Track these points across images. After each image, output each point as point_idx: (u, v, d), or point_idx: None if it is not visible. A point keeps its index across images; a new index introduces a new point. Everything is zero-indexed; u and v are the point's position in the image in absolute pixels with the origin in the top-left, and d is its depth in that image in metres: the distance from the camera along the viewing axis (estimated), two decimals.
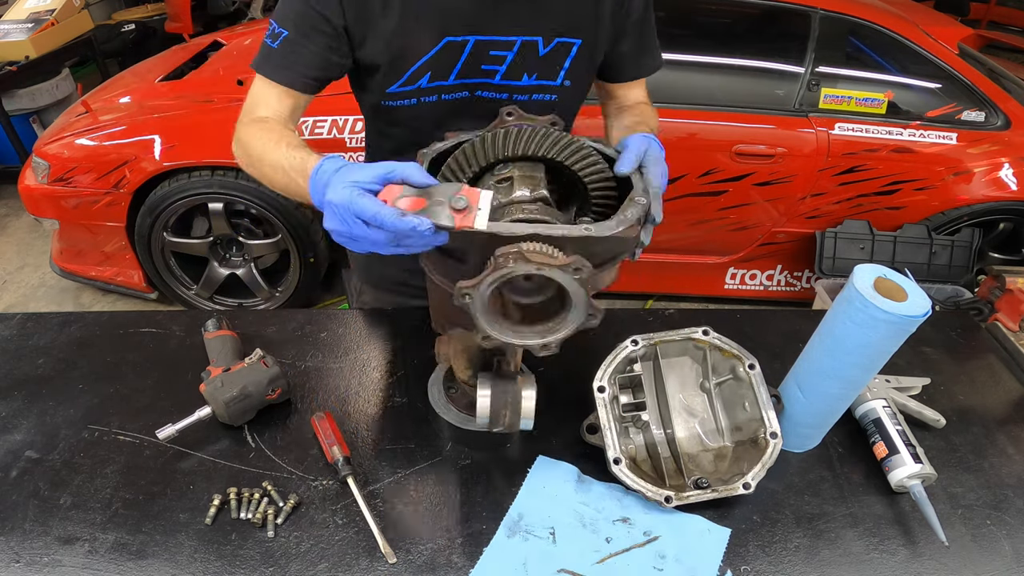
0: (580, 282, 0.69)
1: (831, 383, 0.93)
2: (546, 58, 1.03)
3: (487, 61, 1.01)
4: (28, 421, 1.01)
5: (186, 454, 0.97)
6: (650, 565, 0.84)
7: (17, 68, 3.47)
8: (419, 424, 1.03)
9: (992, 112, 2.67)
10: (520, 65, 1.02)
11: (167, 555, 0.84)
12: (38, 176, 2.57)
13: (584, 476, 0.95)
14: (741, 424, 0.98)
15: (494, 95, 1.05)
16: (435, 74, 1.01)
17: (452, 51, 0.99)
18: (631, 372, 1.00)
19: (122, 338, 1.18)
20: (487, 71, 1.02)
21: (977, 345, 1.27)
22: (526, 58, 1.02)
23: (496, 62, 1.02)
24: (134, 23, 4.85)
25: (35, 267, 3.29)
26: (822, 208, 2.76)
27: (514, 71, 1.03)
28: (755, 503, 0.93)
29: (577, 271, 0.68)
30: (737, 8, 2.85)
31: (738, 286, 3.05)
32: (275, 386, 1.00)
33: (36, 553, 0.83)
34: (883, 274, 0.86)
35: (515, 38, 1.00)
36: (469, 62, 1.01)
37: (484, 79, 1.03)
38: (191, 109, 2.57)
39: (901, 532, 0.91)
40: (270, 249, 2.75)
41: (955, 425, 1.07)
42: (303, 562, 0.83)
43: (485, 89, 1.04)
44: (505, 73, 1.03)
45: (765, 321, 1.31)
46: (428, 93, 1.03)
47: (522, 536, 0.87)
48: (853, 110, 2.64)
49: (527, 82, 1.04)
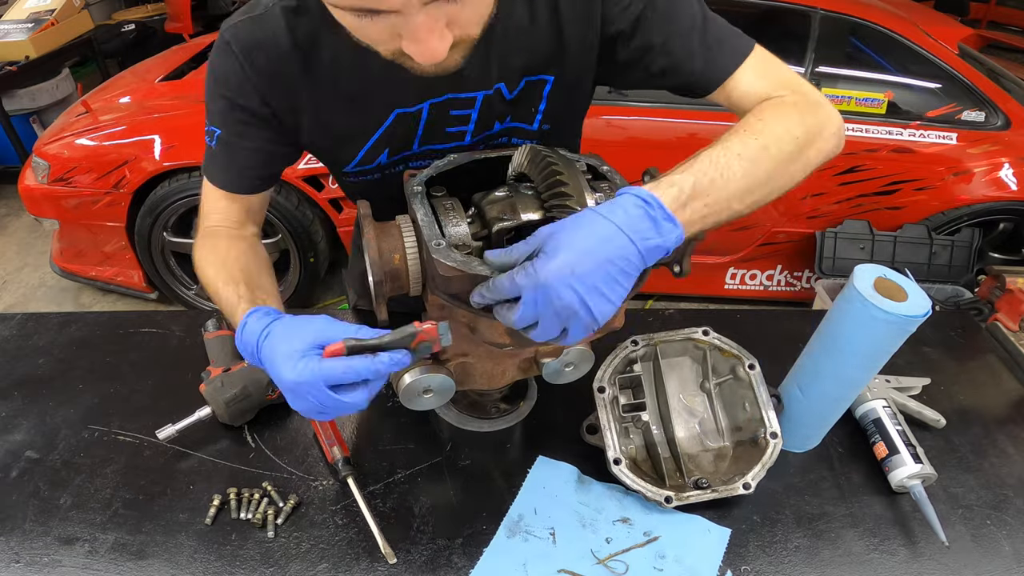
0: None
1: (831, 383, 0.93)
2: (517, 100, 0.89)
3: (451, 123, 0.89)
4: (28, 421, 1.01)
5: (186, 454, 0.97)
6: (650, 565, 0.84)
7: (17, 68, 3.47)
8: (419, 424, 1.03)
9: (992, 112, 2.67)
10: (491, 115, 0.89)
11: (167, 555, 0.84)
12: (38, 176, 2.57)
13: (584, 476, 0.95)
14: (741, 424, 0.98)
15: (467, 149, 0.92)
16: (394, 149, 0.90)
17: (406, 122, 0.87)
18: (631, 372, 1.00)
19: (122, 338, 1.18)
20: (453, 133, 0.90)
21: (977, 345, 1.27)
22: (493, 107, 0.88)
23: (461, 122, 0.89)
24: (134, 23, 4.85)
25: (35, 267, 3.29)
26: (822, 208, 2.76)
27: (484, 123, 0.89)
28: (755, 503, 0.93)
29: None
30: (737, 8, 2.84)
31: (738, 286, 3.06)
32: (275, 386, 1.00)
33: (36, 553, 0.83)
34: (883, 274, 0.86)
35: (474, 94, 0.86)
36: (429, 129, 0.88)
37: (454, 142, 0.90)
38: (191, 109, 2.57)
39: (901, 532, 0.91)
40: (270, 249, 2.75)
41: (955, 425, 1.07)
42: (303, 562, 0.83)
43: (458, 149, 0.91)
44: (475, 130, 0.90)
45: (765, 321, 1.31)
46: (392, 166, 0.93)
47: (522, 536, 0.87)
48: (853, 110, 2.64)
49: (499, 127, 0.91)
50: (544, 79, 0.88)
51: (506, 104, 0.89)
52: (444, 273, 0.69)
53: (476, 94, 0.86)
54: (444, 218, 0.77)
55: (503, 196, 0.80)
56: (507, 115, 0.91)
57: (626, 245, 0.58)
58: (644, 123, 2.60)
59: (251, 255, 0.88)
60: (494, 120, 0.90)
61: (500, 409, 0.98)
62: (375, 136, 0.88)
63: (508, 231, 0.79)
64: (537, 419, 1.01)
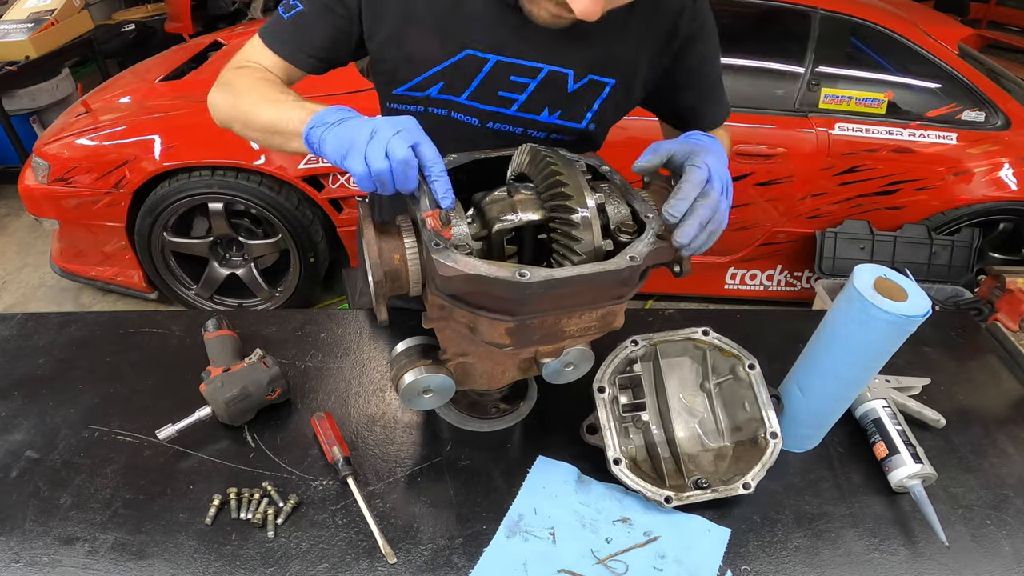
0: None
1: (831, 383, 0.93)
2: (575, 95, 0.95)
3: (506, 87, 0.94)
4: (28, 421, 1.01)
5: (186, 454, 0.97)
6: (650, 565, 0.84)
7: (17, 68, 3.47)
8: (419, 424, 1.03)
9: (992, 112, 2.67)
10: (542, 98, 0.95)
11: (167, 555, 0.83)
12: (38, 176, 2.57)
13: (584, 476, 0.95)
14: (741, 424, 0.98)
15: (508, 127, 0.98)
16: (447, 86, 0.95)
17: (470, 66, 0.93)
18: (631, 372, 1.00)
19: (122, 338, 1.18)
20: (504, 99, 0.95)
21: (977, 345, 1.27)
22: (551, 91, 0.94)
23: (516, 89, 0.94)
24: (134, 23, 4.85)
25: (35, 267, 3.29)
26: (822, 208, 2.76)
27: (534, 103, 0.95)
28: (755, 503, 0.93)
29: None
30: (737, 8, 2.85)
31: (738, 286, 3.06)
32: (275, 386, 1.00)
33: (36, 553, 0.83)
34: (883, 274, 0.86)
35: (542, 65, 0.92)
36: (486, 83, 0.94)
37: (499, 107, 0.96)
38: (191, 109, 2.57)
39: (901, 532, 0.91)
40: (270, 249, 2.75)
41: (955, 425, 1.07)
42: (303, 562, 0.83)
43: (499, 120, 0.97)
44: (524, 104, 0.95)
45: (765, 321, 1.31)
46: (438, 105, 0.97)
47: (522, 536, 0.87)
48: (853, 110, 2.64)
49: (547, 118, 0.97)
50: (606, 81, 0.96)
51: (564, 96, 0.95)
52: (443, 273, 0.69)
53: (543, 66, 0.92)
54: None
55: (503, 196, 0.80)
56: (558, 109, 0.96)
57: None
58: (644, 123, 2.59)
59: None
60: (544, 105, 0.96)
61: (500, 409, 0.98)
62: (438, 67, 0.93)
63: (508, 231, 0.79)
64: (537, 419, 1.01)
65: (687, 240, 0.74)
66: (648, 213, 0.78)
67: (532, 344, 0.79)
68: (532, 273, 0.68)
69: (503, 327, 0.74)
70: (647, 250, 0.73)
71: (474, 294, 0.72)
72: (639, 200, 0.80)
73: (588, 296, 0.74)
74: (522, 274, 0.68)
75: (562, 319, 0.76)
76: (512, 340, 0.76)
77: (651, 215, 0.78)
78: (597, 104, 0.97)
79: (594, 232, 0.74)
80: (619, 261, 0.71)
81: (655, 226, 0.76)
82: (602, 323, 0.79)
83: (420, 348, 0.88)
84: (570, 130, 0.99)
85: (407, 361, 0.86)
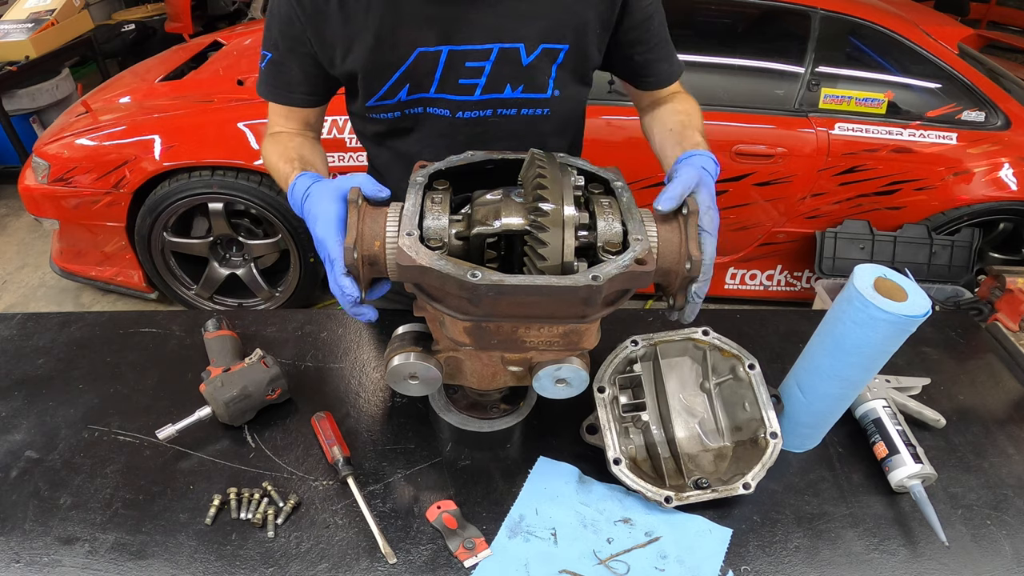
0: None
1: (831, 383, 0.93)
2: (532, 67, 0.98)
3: (464, 74, 0.97)
4: (28, 421, 1.01)
5: (186, 454, 0.97)
6: (651, 566, 0.84)
7: (17, 68, 3.47)
8: (419, 424, 1.03)
9: (992, 112, 2.67)
10: (501, 76, 0.98)
11: (167, 555, 0.83)
12: (38, 176, 2.57)
13: (585, 477, 0.95)
14: (741, 424, 0.98)
15: (478, 113, 1.01)
16: (415, 87, 0.99)
17: (426, 63, 0.96)
18: (631, 372, 1.00)
19: (122, 338, 1.18)
20: (466, 86, 0.98)
21: (977, 345, 1.27)
22: (507, 67, 0.98)
23: (474, 74, 0.97)
24: (134, 23, 4.85)
25: (35, 267, 3.29)
26: (822, 208, 2.76)
27: (495, 83, 0.98)
28: (755, 503, 0.93)
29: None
30: (737, 8, 2.85)
31: (738, 286, 3.06)
32: (275, 386, 1.00)
33: (36, 553, 0.83)
34: (883, 274, 0.86)
35: (491, 46, 0.96)
36: (446, 75, 0.97)
37: (464, 96, 0.99)
38: (191, 109, 2.57)
39: (901, 532, 0.91)
40: (270, 249, 2.75)
41: (955, 425, 1.07)
42: (303, 562, 0.83)
43: (467, 108, 1.00)
44: (485, 86, 0.98)
45: (765, 321, 1.31)
46: (411, 105, 1.01)
47: (523, 537, 0.87)
48: (853, 110, 2.64)
49: (511, 94, 1.00)
50: (559, 48, 0.98)
51: (521, 69, 0.98)
52: (401, 263, 0.70)
53: (493, 46, 0.96)
54: (429, 211, 0.77)
55: (493, 200, 0.80)
56: (520, 83, 0.99)
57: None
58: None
59: (307, 145, 1.04)
60: (505, 83, 0.99)
61: (500, 409, 0.98)
62: (398, 72, 0.98)
63: (488, 236, 0.78)
64: (537, 419, 1.01)
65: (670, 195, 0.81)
66: (637, 236, 0.75)
67: (493, 348, 0.79)
68: (484, 275, 0.68)
69: (461, 325, 0.76)
70: (615, 272, 0.70)
71: (432, 288, 0.75)
72: (636, 222, 0.78)
73: (545, 309, 0.72)
74: (474, 275, 0.68)
75: (519, 328, 0.76)
76: (471, 340, 0.77)
77: (639, 238, 0.75)
78: (554, 70, 1.00)
79: (563, 238, 0.71)
80: (578, 278, 0.69)
81: (636, 250, 0.74)
82: (565, 340, 0.78)
83: (416, 335, 0.89)
84: (539, 102, 1.02)
85: (399, 344, 0.87)
